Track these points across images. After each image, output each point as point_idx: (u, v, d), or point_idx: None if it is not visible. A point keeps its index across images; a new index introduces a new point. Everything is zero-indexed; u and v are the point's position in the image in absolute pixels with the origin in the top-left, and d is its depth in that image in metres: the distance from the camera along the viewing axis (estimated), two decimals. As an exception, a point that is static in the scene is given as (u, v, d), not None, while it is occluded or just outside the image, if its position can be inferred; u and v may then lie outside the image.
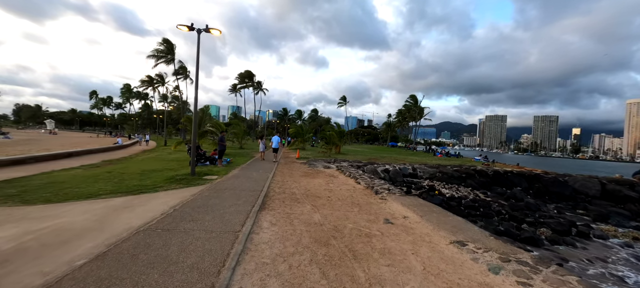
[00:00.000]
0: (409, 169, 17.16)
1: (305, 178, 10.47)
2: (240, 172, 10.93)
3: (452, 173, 17.39)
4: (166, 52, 40.95)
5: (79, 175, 9.75)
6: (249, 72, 62.28)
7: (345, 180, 10.56)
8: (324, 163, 16.99)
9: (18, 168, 11.01)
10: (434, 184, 15.41)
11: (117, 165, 13.31)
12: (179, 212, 5.03)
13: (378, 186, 9.02)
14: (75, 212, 5.00)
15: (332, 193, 7.81)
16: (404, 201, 6.97)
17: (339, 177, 11.62)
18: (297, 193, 7.66)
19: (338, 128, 26.72)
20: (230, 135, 28.77)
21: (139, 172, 10.47)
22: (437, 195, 13.37)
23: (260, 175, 10.52)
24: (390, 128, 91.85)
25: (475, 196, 14.16)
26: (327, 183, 9.61)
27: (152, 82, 72.21)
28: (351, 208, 6.20)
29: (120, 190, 7.07)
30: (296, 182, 9.52)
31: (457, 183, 16.42)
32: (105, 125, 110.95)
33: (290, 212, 5.66)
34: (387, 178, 15.28)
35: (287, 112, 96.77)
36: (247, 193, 7.06)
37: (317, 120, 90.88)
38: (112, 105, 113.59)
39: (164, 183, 8.12)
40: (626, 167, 62.26)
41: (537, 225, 11.11)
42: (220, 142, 12.65)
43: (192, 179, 8.74)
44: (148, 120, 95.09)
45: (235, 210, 5.34)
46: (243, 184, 8.32)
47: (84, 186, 7.63)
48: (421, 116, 66.12)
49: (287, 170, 13.03)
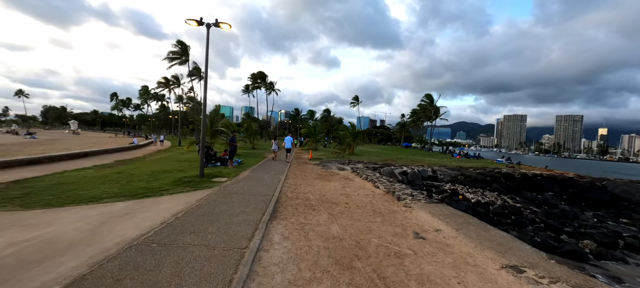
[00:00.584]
0: (428, 171, 16.14)
1: (319, 182, 9.80)
2: (251, 174, 10.41)
3: (476, 177, 16.22)
4: (181, 53, 41.53)
5: (88, 175, 9.53)
6: (261, 72, 62.45)
7: (362, 184, 9.80)
8: (337, 164, 16.27)
9: (33, 168, 11.01)
10: (456, 188, 14.34)
11: (129, 165, 13.16)
12: (181, 222, 4.48)
13: (400, 191, 8.22)
14: (70, 219, 4.55)
15: (350, 199, 7.09)
16: (432, 210, 6.15)
17: (355, 180, 10.87)
18: (312, 198, 7.00)
19: (352, 128, 25.90)
20: (241, 136, 28.56)
21: (149, 173, 10.15)
22: (461, 200, 12.35)
23: (272, 177, 9.95)
24: (404, 128, 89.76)
25: (503, 202, 13.00)
26: (343, 188, 8.90)
27: (168, 84, 73.99)
28: (373, 218, 5.46)
29: (124, 193, 6.67)
30: (310, 186, 8.86)
31: (481, 188, 15.26)
32: (125, 126, 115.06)
33: (305, 221, 5.00)
34: (406, 181, 14.38)
35: (299, 112, 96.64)
36: (258, 198, 6.46)
37: (329, 121, 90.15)
38: (131, 107, 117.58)
39: (170, 186, 7.68)
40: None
41: (577, 236, 9.93)
42: (231, 143, 12.20)
43: (201, 182, 8.26)
44: (164, 120, 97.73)
45: (243, 220, 4.74)
46: (253, 188, 7.75)
47: (89, 188, 7.31)
48: (437, 116, 64.01)
49: (300, 172, 12.41)
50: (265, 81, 62.09)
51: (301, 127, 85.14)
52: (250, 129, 27.97)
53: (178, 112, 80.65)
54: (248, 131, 27.93)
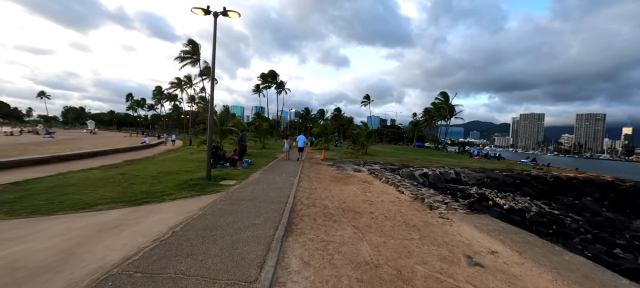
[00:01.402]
0: (451, 174, 14.95)
1: (336, 185, 8.90)
2: (261, 176, 9.62)
3: (503, 179, 14.89)
4: (192, 53, 41.55)
5: (92, 177, 8.99)
6: (272, 71, 62.11)
7: (383, 188, 8.84)
8: (352, 165, 15.32)
9: (41, 168, 10.66)
10: (484, 192, 13.11)
11: (136, 165, 12.67)
12: (177, 238, 3.69)
13: (429, 197, 7.22)
14: (50, 232, 3.85)
15: (375, 208, 6.16)
16: (476, 222, 5.15)
17: (374, 183, 9.91)
18: (331, 206, 6.11)
19: (365, 127, 24.85)
20: (251, 135, 27.98)
21: (154, 174, 9.54)
22: (492, 206, 11.16)
23: (284, 180, 9.13)
24: (417, 127, 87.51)
25: (539, 208, 11.70)
26: (364, 192, 7.97)
27: (180, 84, 74.91)
28: (408, 234, 4.52)
29: (122, 198, 5.99)
30: (326, 190, 7.98)
31: (511, 192, 13.94)
32: (139, 125, 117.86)
33: (327, 238, 4.12)
34: (427, 184, 13.28)
35: (309, 112, 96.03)
36: (269, 205, 5.63)
37: (340, 120, 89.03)
38: (146, 107, 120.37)
39: (174, 189, 6.97)
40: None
41: (633, 250, 8.61)
42: (240, 142, 11.48)
43: (207, 185, 7.52)
44: (177, 120, 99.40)
45: (253, 236, 3.91)
46: (264, 192, 6.93)
47: (87, 191, 6.70)
48: (452, 115, 61.84)
49: (314, 173, 11.56)
50: (276, 80, 61.71)
51: (311, 126, 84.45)
52: (261, 128, 27.37)
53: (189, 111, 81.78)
54: (258, 130, 27.33)
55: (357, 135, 22.41)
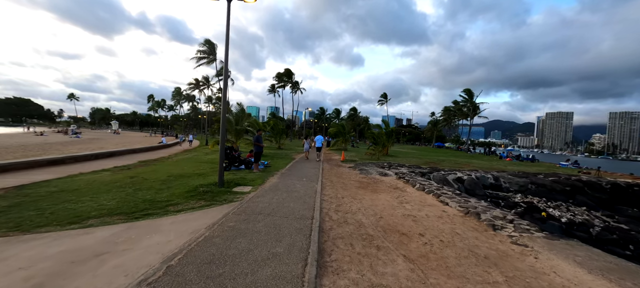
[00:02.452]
0: (488, 178, 13.30)
1: (364, 193, 7.70)
2: (280, 181, 8.59)
3: (552, 186, 13.04)
4: (208, 52, 41.61)
5: (98, 180, 8.32)
6: (288, 70, 61.56)
7: (421, 197, 7.53)
8: (376, 168, 14.03)
9: (52, 170, 10.24)
10: (531, 201, 11.41)
11: (149, 167, 12.07)
12: (171, 280, 2.65)
13: (485, 212, 5.87)
14: (7, 265, 2.94)
15: (423, 226, 4.91)
16: (571, 254, 3.79)
17: (407, 190, 8.61)
18: (367, 223, 4.94)
19: (386, 127, 23.39)
20: (267, 135, 27.21)
21: (164, 178, 8.75)
22: (546, 218, 9.53)
23: (305, 185, 8.04)
24: (436, 127, 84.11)
25: (603, 221, 9.90)
26: (400, 203, 6.72)
27: (198, 85, 76.20)
28: (485, 272, 3.26)
29: (121, 209, 5.12)
30: (355, 199, 6.81)
31: (562, 200, 12.11)
32: (159, 126, 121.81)
33: (376, 279, 2.95)
34: (463, 190, 11.77)
35: (324, 111, 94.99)
36: (292, 223, 4.54)
37: (356, 120, 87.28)
38: (165, 107, 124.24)
39: (181, 198, 6.05)
40: None
41: None
42: (256, 143, 10.52)
43: (218, 192, 6.56)
44: (195, 120, 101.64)
45: (274, 275, 2.81)
46: (285, 203, 5.86)
47: (87, 199, 5.92)
48: (475, 113, 58.61)
49: (336, 178, 10.40)
50: (292, 79, 61.10)
51: (326, 126, 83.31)
52: (277, 128, 26.55)
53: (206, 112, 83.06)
54: (274, 130, 26.53)
55: (378, 136, 21.01)
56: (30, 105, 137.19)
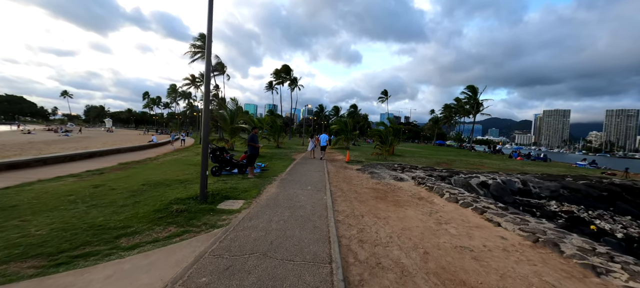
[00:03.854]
0: (516, 183, 11.73)
1: (387, 207, 6.08)
2: (279, 192, 6.93)
3: (587, 191, 11.51)
4: (203, 47, 39.60)
5: (51, 191, 6.61)
6: (286, 66, 59.69)
7: (458, 212, 5.93)
8: (387, 170, 12.43)
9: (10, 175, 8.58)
10: (571, 209, 9.87)
11: (127, 171, 10.37)
12: None
13: (563, 240, 4.28)
14: None
15: (496, 273, 3.29)
16: None
17: (434, 200, 7.02)
18: (411, 267, 3.31)
19: (392, 124, 21.81)
20: (264, 133, 25.45)
21: (136, 187, 7.06)
22: (596, 233, 7.98)
23: (311, 197, 6.40)
24: (437, 125, 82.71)
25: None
26: (438, 223, 5.11)
27: (194, 81, 74.05)
28: None
29: (46, 247, 3.45)
30: (378, 218, 5.19)
31: (602, 208, 10.60)
32: (155, 123, 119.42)
33: None
34: (489, 196, 10.21)
35: (323, 109, 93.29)
36: (300, 273, 2.90)
37: (355, 117, 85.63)
38: (161, 105, 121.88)
39: (144, 222, 4.39)
40: None
41: None
42: (250, 143, 8.83)
43: (198, 212, 4.90)
44: (191, 118, 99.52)
45: None
46: (287, 229, 4.22)
47: (11, 225, 4.24)
48: (478, 111, 57.24)
49: (346, 184, 8.78)
50: (290, 75, 59.25)
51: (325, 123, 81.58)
52: (275, 125, 24.82)
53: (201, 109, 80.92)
54: (272, 128, 24.80)
55: (385, 134, 19.39)
56: (23, 103, 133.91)
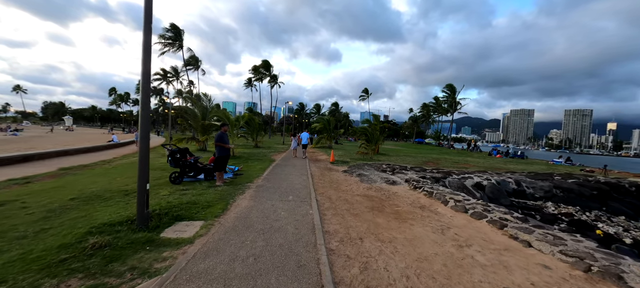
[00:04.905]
0: (510, 183, 11.13)
1: (388, 222, 4.87)
2: (253, 205, 5.50)
3: (580, 191, 11.17)
4: (174, 38, 36.51)
5: None
6: (265, 62, 57.35)
7: (476, 227, 4.87)
8: (376, 171, 11.37)
9: None
10: (570, 211, 9.34)
11: (64, 178, 8.35)
12: None
13: (619, 265, 3.30)
14: None
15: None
16: None
17: (439, 210, 5.96)
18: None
19: (376, 122, 20.94)
20: (241, 132, 23.56)
21: (60, 204, 5.29)
22: (603, 238, 7.38)
23: (293, 213, 5.04)
24: (416, 123, 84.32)
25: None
26: (458, 246, 3.98)
27: (166, 76, 69.35)
28: None
29: None
30: (382, 241, 3.96)
31: (596, 208, 10.24)
32: (123, 121, 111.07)
33: None
34: (485, 198, 9.45)
35: (304, 107, 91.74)
36: None
37: (337, 115, 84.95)
38: (130, 102, 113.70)
39: (33, 270, 2.81)
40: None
41: None
42: (218, 143, 7.24)
43: (127, 247, 3.35)
44: (164, 116, 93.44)
45: None
46: (259, 278, 2.84)
47: None
48: (456, 109, 58.74)
49: (334, 190, 7.52)
50: (270, 71, 57.03)
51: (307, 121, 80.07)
52: (253, 123, 23.00)
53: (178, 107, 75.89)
54: (250, 125, 22.97)
55: (372, 132, 18.39)
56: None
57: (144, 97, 3.95)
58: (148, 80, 3.98)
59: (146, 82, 3.97)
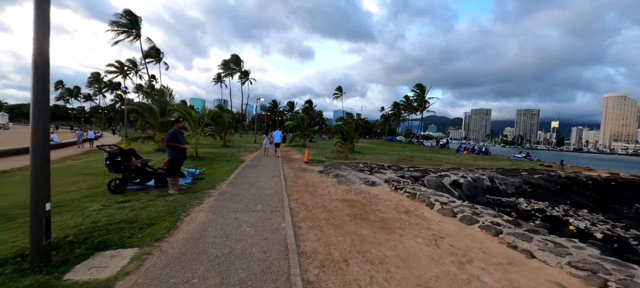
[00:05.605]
0: (484, 180, 11.19)
1: (372, 232, 4.16)
2: (210, 219, 4.46)
3: (547, 186, 11.58)
4: (129, 26, 32.85)
5: None
6: (235, 56, 54.59)
7: (470, 235, 4.36)
8: (352, 171, 10.76)
9: None
10: (543, 207, 9.51)
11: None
12: None
13: (634, 278, 2.88)
14: None
15: None
16: None
17: (425, 214, 5.42)
18: None
19: (351, 119, 20.52)
20: (208, 130, 21.81)
21: None
22: (575, 233, 7.46)
23: (261, 227, 4.10)
24: (388, 121, 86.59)
25: (623, 230, 8.33)
26: (458, 264, 3.37)
27: (122, 69, 63.31)
28: None
29: None
30: (371, 262, 3.22)
31: (561, 202, 10.63)
32: (73, 119, 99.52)
33: None
34: (463, 197, 9.29)
35: (277, 104, 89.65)
36: None
37: (311, 113, 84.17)
38: (81, 97, 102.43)
39: None
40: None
41: None
42: (170, 143, 6.00)
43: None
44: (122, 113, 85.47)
45: None
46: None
47: None
48: (425, 108, 61.09)
49: (310, 194, 6.69)
50: (240, 66, 54.42)
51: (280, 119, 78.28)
52: (221, 120, 21.30)
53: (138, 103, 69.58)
54: (217, 123, 21.24)
55: (348, 130, 17.85)
56: None
57: (40, 82, 2.75)
58: (45, 61, 2.78)
59: (42, 62, 2.76)
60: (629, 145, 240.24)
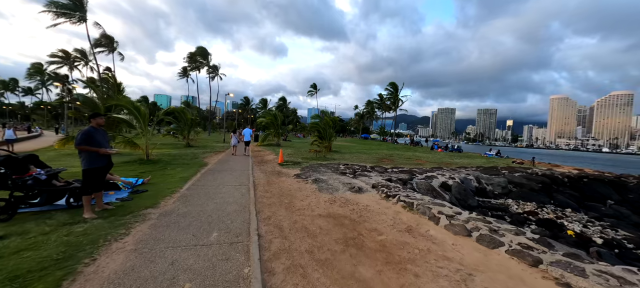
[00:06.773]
0: (472, 181, 10.58)
1: (376, 274, 2.88)
2: (135, 265, 2.86)
3: (530, 185, 11.32)
4: (72, 8, 28.33)
5: None
6: (201, 49, 50.70)
7: (502, 266, 3.25)
8: (333, 174, 9.52)
9: None
10: (534, 210, 9.03)
11: None
12: None
13: None
14: None
15: None
16: None
17: (431, 233, 4.31)
18: None
19: (327, 117, 19.35)
20: (172, 128, 19.32)
21: None
22: (574, 238, 6.92)
23: (208, 277, 2.63)
24: (362, 119, 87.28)
25: (612, 229, 8.06)
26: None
27: (69, 59, 56.13)
28: None
29: None
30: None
31: (546, 202, 10.37)
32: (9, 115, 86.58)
33: None
34: (454, 201, 8.50)
35: (249, 101, 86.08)
36: None
37: (284, 111, 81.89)
38: (19, 90, 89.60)
39: None
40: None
41: None
42: (80, 146, 4.19)
43: None
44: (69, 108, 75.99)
45: None
46: None
47: None
48: (397, 106, 62.17)
49: (286, 209, 5.27)
50: (208, 60, 50.69)
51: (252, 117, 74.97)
52: (183, 117, 18.84)
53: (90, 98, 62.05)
54: (179, 120, 18.75)
55: (324, 129, 16.59)
56: None
57: None
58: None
59: None
60: (570, 141, 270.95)
